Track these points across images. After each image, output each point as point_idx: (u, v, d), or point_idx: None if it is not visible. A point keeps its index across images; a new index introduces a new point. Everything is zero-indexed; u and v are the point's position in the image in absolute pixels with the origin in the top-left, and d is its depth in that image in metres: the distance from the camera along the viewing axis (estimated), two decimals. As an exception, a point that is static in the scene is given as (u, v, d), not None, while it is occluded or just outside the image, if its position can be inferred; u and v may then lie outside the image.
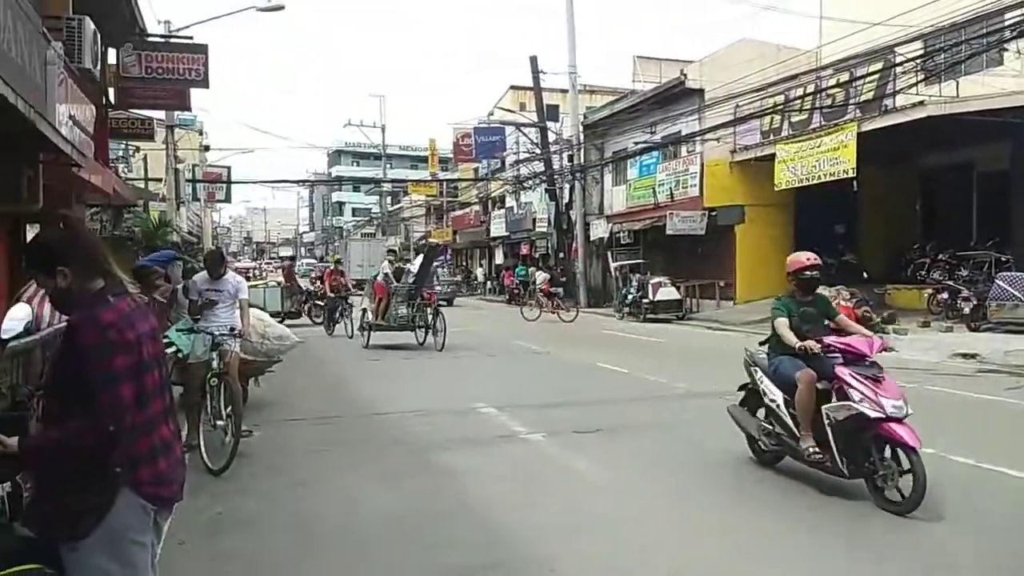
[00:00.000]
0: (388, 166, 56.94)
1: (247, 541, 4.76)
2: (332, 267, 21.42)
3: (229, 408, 6.55)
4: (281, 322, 17.27)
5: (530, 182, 34.21)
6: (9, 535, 2.39)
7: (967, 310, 15.71)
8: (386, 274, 15.82)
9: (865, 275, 20.88)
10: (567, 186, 30.50)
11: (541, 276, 28.60)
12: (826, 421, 5.30)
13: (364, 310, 16.18)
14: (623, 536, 4.80)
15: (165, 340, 7.45)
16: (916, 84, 16.38)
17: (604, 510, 5.33)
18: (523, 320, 22.84)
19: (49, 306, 6.84)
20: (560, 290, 25.52)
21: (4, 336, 2.83)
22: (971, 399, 9.42)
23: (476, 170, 43.42)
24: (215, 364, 6.84)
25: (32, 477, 2.44)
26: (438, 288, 22.47)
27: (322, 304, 20.63)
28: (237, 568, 4.32)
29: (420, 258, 17.11)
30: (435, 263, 17.43)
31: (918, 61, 16.30)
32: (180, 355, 7.23)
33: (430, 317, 15.37)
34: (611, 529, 4.93)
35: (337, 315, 18.90)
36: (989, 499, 5.39)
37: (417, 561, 4.39)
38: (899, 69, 16.82)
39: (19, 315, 2.89)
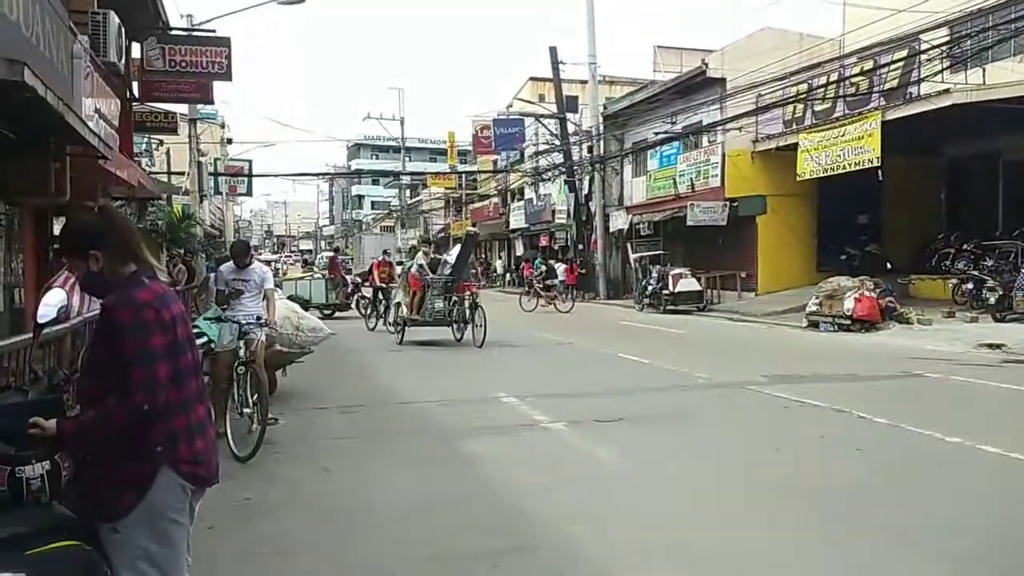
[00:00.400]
0: (407, 159, 57.05)
1: (275, 525, 4.82)
2: (381, 257, 20.51)
3: (255, 396, 6.62)
4: (330, 315, 16.92)
5: (549, 174, 34.18)
6: (48, 513, 2.44)
7: (992, 300, 15.53)
8: (420, 265, 14.87)
9: (889, 266, 20.70)
10: (586, 178, 30.44)
11: (560, 268, 28.77)
12: None
13: (398, 304, 15.31)
14: (645, 523, 4.81)
15: (195, 330, 7.61)
16: (942, 72, 16.18)
17: (626, 497, 5.34)
18: (534, 311, 22.97)
19: (79, 296, 6.96)
20: (555, 281, 25.64)
21: (40, 321, 2.88)
22: (998, 389, 9.32)
23: (495, 162, 43.44)
24: (242, 353, 6.92)
25: (72, 457, 2.49)
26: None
27: (369, 297, 19.98)
28: (266, 551, 4.38)
29: (457, 248, 16.10)
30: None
31: (944, 48, 16.09)
32: (212, 345, 7.29)
33: (468, 311, 14.46)
34: (634, 516, 4.93)
35: (381, 308, 18.14)
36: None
37: (443, 545, 4.42)
38: (924, 56, 16.60)
39: (53, 301, 2.93)
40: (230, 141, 38.92)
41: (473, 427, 7.56)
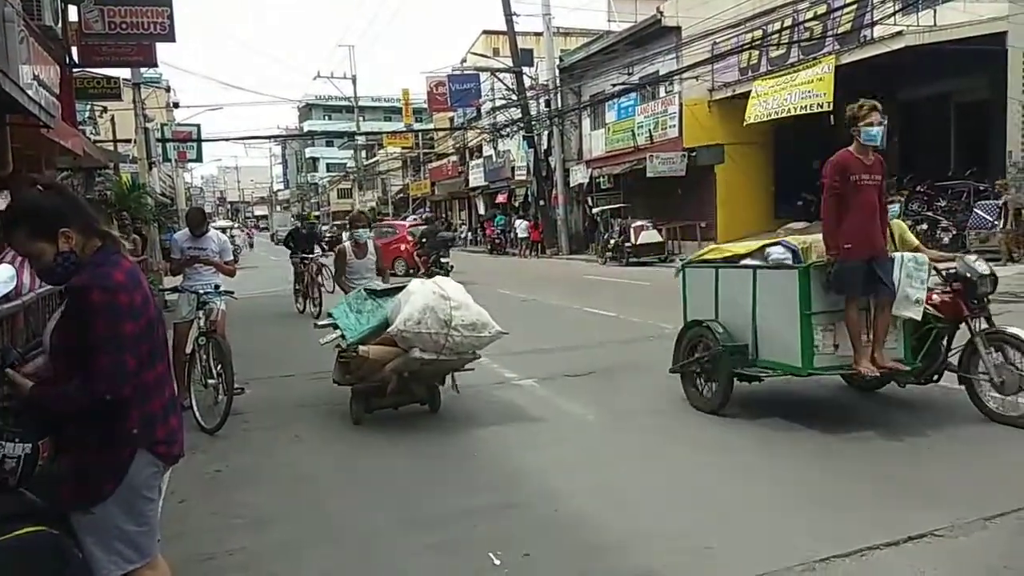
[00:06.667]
0: (361, 119, 56.01)
1: (248, 495, 4.75)
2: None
3: (219, 366, 6.48)
4: None
5: (507, 130, 33.86)
6: (15, 499, 2.37)
7: (947, 240, 15.86)
8: None
9: (845, 210, 20.99)
10: (545, 132, 30.20)
11: (522, 224, 28.86)
12: None
13: None
14: (623, 471, 4.85)
15: (328, 319, 6.66)
16: (894, 14, 16.24)
17: (602, 448, 5.39)
18: (500, 267, 22.96)
19: (30, 271, 6.70)
20: None
21: (-10, 298, 2.74)
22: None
23: (452, 119, 42.85)
24: (201, 323, 6.76)
25: (53, 447, 2.41)
26: None
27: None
28: (240, 522, 4.31)
29: None
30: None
31: (896, -10, 16.14)
32: (341, 343, 6.27)
33: None
34: (611, 466, 4.98)
35: None
36: (985, 424, 5.47)
37: (421, 507, 4.40)
38: (877, -1, 16.65)
39: (3, 276, 2.80)
40: (177, 105, 37.77)
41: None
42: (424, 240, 16.77)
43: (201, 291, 6.87)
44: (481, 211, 42.05)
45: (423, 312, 5.58)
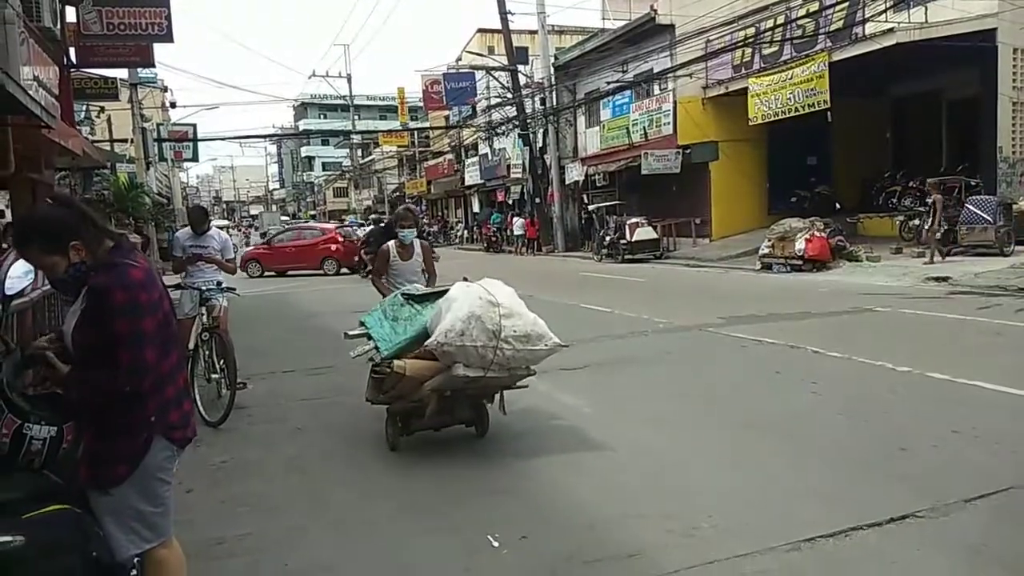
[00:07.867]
0: (356, 117, 56.05)
1: (253, 485, 4.89)
2: None
3: (222, 361, 6.61)
4: None
5: (503, 128, 33.94)
6: (40, 480, 2.51)
7: (938, 235, 16.00)
8: None
9: (837, 206, 21.17)
10: (540, 130, 30.31)
11: (519, 222, 28.97)
12: None
13: None
14: (617, 462, 4.98)
15: (361, 328, 5.77)
16: (885, 11, 16.40)
17: (597, 439, 5.50)
18: (497, 265, 23.03)
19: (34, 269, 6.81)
20: None
21: (8, 293, 2.87)
22: (944, 320, 9.70)
23: (447, 118, 42.93)
24: (204, 319, 6.88)
25: (76, 431, 2.54)
26: None
27: None
28: (246, 511, 4.45)
29: None
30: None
31: (887, -13, 16.29)
32: (374, 354, 5.42)
33: None
34: (606, 456, 5.11)
35: None
36: (968, 410, 5.62)
37: (421, 495, 4.54)
38: (868, -4, 16.81)
39: (20, 272, 2.92)
40: (173, 105, 37.79)
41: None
42: (371, 239, 16.88)
43: (203, 288, 6.99)
44: (475, 209, 42.16)
45: (467, 322, 4.74)
